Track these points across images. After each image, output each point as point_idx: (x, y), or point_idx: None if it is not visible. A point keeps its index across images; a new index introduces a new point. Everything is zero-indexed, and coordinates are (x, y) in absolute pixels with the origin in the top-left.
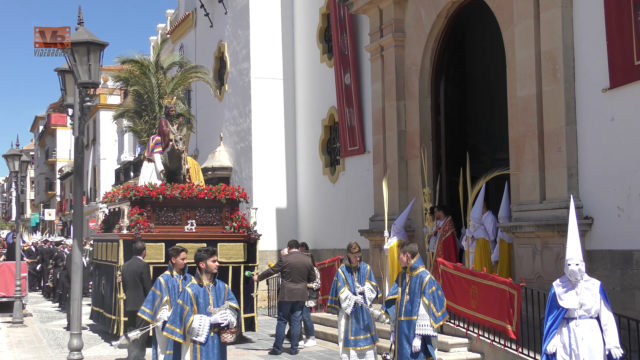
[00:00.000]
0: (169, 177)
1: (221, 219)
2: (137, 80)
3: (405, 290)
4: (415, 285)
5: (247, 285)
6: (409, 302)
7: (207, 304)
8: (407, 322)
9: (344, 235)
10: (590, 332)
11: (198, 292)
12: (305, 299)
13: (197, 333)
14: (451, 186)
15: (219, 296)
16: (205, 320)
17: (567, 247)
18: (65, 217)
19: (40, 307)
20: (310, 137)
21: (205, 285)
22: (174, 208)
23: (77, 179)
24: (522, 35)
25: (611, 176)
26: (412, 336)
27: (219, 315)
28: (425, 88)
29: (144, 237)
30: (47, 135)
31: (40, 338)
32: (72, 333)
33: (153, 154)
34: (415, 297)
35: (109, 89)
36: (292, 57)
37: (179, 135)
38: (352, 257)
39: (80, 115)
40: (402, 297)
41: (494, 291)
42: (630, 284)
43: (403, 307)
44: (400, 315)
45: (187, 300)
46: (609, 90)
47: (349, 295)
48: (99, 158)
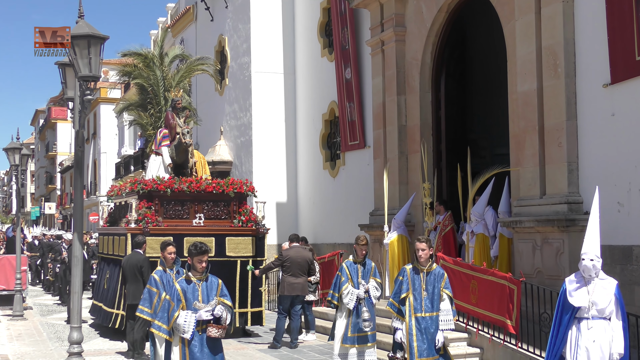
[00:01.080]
0: (176, 170)
1: (229, 213)
2: (140, 73)
3: (421, 287)
4: (435, 281)
5: (255, 280)
6: (427, 298)
7: (195, 300)
8: (428, 318)
9: (344, 230)
10: (603, 334)
11: (186, 288)
12: (305, 293)
13: (183, 330)
14: (451, 181)
15: (209, 292)
16: (190, 317)
17: (585, 240)
18: (66, 211)
19: (41, 300)
20: (311, 132)
21: (194, 281)
22: (181, 202)
23: (77, 172)
24: (523, 30)
25: (611, 172)
26: (434, 332)
27: (203, 312)
28: (425, 83)
29: (151, 231)
30: (47, 128)
31: (40, 331)
32: (72, 326)
33: (160, 147)
34: (436, 293)
35: (110, 82)
36: (293, 52)
37: (186, 129)
38: (359, 249)
39: (81, 108)
40: (417, 293)
41: (494, 286)
42: (630, 280)
43: (422, 304)
44: (419, 311)
45: (174, 295)
46: (610, 85)
47: (351, 289)
48: (100, 152)
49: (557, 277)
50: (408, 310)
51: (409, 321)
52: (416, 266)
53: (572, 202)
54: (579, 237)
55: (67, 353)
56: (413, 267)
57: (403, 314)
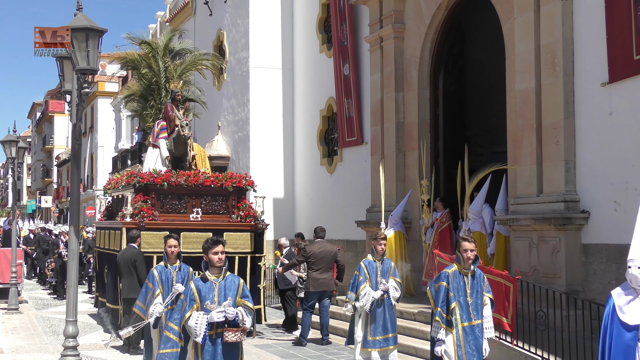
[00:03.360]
0: (175, 163)
1: (227, 208)
2: (146, 63)
3: (466, 292)
4: (477, 285)
5: (254, 277)
6: (473, 304)
7: (210, 300)
8: (475, 326)
9: (340, 226)
10: None
11: (202, 287)
12: (331, 288)
13: (195, 333)
14: (449, 178)
15: (228, 293)
16: (201, 319)
17: (631, 245)
18: (62, 205)
19: (36, 294)
20: (308, 128)
21: (211, 279)
22: (179, 196)
23: (74, 166)
24: (522, 28)
25: (608, 170)
26: (480, 341)
27: (215, 313)
28: (424, 80)
29: (147, 226)
30: (44, 121)
31: (35, 325)
32: (68, 320)
33: (158, 139)
34: (479, 297)
35: (108, 76)
36: (291, 47)
37: (185, 121)
38: (378, 246)
39: (78, 102)
40: (462, 299)
41: (490, 283)
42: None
43: (469, 311)
44: (466, 320)
45: (187, 295)
46: (608, 84)
47: (368, 290)
48: (97, 145)
49: (553, 275)
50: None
51: (455, 332)
52: (459, 269)
53: (569, 201)
54: (575, 236)
55: (63, 347)
56: (455, 271)
57: (452, 324)
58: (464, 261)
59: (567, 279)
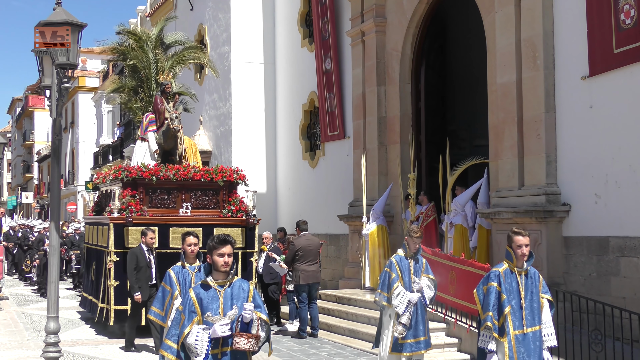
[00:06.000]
0: (164, 157)
1: (218, 202)
2: (135, 54)
3: (520, 294)
4: (532, 285)
5: (245, 273)
6: (528, 309)
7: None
8: (531, 334)
9: (323, 220)
10: None
11: (203, 296)
12: (318, 280)
13: (196, 352)
14: (431, 172)
15: (234, 302)
16: (202, 334)
17: None
18: (43, 200)
19: (17, 290)
20: (291, 122)
21: (214, 286)
22: (168, 190)
23: (54, 161)
24: (503, 22)
25: (589, 163)
26: (540, 351)
27: (218, 326)
28: (405, 74)
29: (135, 221)
30: (24, 117)
31: (16, 321)
32: (49, 316)
33: (146, 132)
34: (535, 300)
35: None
36: (273, 42)
37: (174, 114)
38: (412, 242)
39: (58, 97)
40: (515, 303)
41: (472, 276)
42: (606, 270)
43: (522, 316)
44: (519, 327)
45: (186, 306)
46: (588, 77)
47: (402, 291)
48: (78, 141)
49: (534, 268)
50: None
51: (507, 341)
52: (510, 267)
53: (550, 194)
54: (556, 228)
55: (44, 343)
56: (507, 269)
57: (505, 331)
58: (518, 258)
59: (549, 272)
